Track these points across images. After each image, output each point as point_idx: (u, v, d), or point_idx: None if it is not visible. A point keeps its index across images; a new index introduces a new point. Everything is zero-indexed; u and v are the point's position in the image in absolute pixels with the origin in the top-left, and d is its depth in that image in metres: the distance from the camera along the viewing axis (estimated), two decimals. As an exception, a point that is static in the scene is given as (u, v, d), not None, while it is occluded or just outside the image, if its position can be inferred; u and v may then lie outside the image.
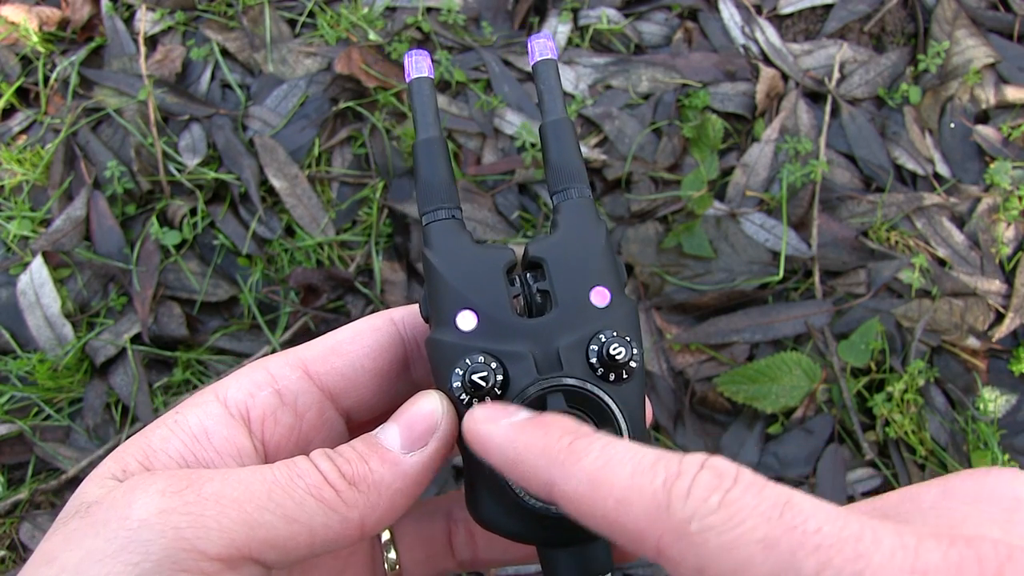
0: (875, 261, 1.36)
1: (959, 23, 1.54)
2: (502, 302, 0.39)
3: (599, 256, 0.40)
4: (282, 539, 0.33)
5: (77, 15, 1.63)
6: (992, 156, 1.45)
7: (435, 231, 0.41)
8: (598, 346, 0.38)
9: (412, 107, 0.43)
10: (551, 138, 0.43)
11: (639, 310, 1.34)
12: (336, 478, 0.35)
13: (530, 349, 0.38)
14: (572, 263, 0.40)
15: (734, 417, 1.28)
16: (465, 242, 0.41)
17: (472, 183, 1.44)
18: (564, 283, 0.40)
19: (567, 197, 0.42)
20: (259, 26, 1.59)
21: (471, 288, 0.39)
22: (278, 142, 1.47)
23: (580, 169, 0.43)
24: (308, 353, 0.41)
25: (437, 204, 0.41)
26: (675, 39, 1.57)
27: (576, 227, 0.41)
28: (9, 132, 1.54)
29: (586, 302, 0.39)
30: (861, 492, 1.23)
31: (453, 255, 0.40)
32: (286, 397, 0.39)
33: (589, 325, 0.39)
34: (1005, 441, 1.25)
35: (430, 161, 0.42)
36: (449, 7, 1.57)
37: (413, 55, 0.44)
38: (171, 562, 0.31)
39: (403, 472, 0.37)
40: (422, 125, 0.43)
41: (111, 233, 1.42)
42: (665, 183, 1.43)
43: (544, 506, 0.38)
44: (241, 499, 0.33)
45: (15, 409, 1.33)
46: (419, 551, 0.47)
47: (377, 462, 0.37)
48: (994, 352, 1.32)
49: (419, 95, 0.43)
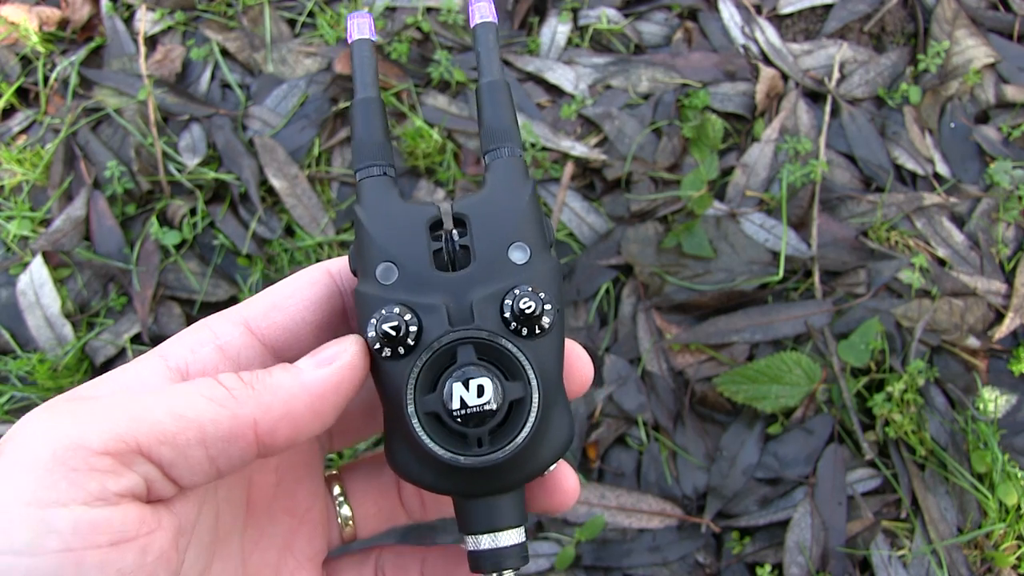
0: (875, 261, 1.35)
1: (959, 23, 1.54)
2: (422, 256, 0.40)
3: (522, 213, 0.41)
4: (170, 433, 0.34)
5: (77, 15, 1.63)
6: (992, 156, 1.45)
7: (366, 187, 0.42)
8: (512, 300, 0.39)
9: (352, 68, 0.45)
10: (486, 99, 0.44)
11: (639, 310, 1.34)
12: (232, 381, 0.36)
13: (445, 301, 0.39)
14: (495, 220, 0.41)
15: (734, 417, 1.28)
16: (393, 198, 0.42)
17: (472, 183, 1.44)
18: (484, 239, 0.40)
19: (498, 156, 0.43)
20: (259, 26, 1.59)
21: (393, 242, 0.40)
22: (278, 142, 1.47)
23: (513, 129, 0.43)
24: (249, 310, 0.41)
25: (370, 161, 0.43)
26: (675, 39, 1.57)
27: (502, 185, 0.42)
28: (9, 132, 1.54)
29: (504, 258, 0.40)
30: (861, 492, 1.23)
31: (380, 210, 0.41)
32: (228, 352, 0.40)
33: (505, 280, 0.40)
34: (1005, 441, 1.25)
35: (366, 120, 0.44)
36: (449, 7, 1.57)
37: (355, 17, 0.45)
38: (59, 463, 0.31)
39: (302, 381, 0.37)
40: (360, 85, 0.44)
41: (111, 233, 1.42)
42: (665, 183, 1.43)
43: (452, 455, 0.38)
44: (128, 401, 0.34)
45: (15, 409, 1.33)
46: (371, 506, 0.48)
47: (279, 371, 0.38)
48: (994, 352, 1.32)
49: (359, 57, 0.44)
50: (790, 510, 1.21)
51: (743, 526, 1.22)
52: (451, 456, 0.38)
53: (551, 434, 0.41)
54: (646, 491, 1.24)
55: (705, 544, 1.21)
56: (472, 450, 0.38)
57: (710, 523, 1.21)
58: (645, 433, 1.27)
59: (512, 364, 0.39)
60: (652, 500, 1.22)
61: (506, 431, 0.39)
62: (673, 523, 1.22)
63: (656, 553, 1.20)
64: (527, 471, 0.41)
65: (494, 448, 0.38)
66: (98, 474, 0.32)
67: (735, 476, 1.23)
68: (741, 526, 1.22)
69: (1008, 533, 1.18)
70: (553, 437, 0.41)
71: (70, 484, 0.31)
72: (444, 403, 0.38)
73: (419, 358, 0.38)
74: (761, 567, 1.18)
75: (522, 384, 0.39)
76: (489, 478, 0.40)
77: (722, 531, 1.22)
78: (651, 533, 1.21)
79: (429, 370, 0.39)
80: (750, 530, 1.22)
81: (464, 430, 0.38)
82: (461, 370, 0.38)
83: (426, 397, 0.38)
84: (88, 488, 0.31)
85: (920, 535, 1.19)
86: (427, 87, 1.52)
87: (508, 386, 0.38)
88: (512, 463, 0.39)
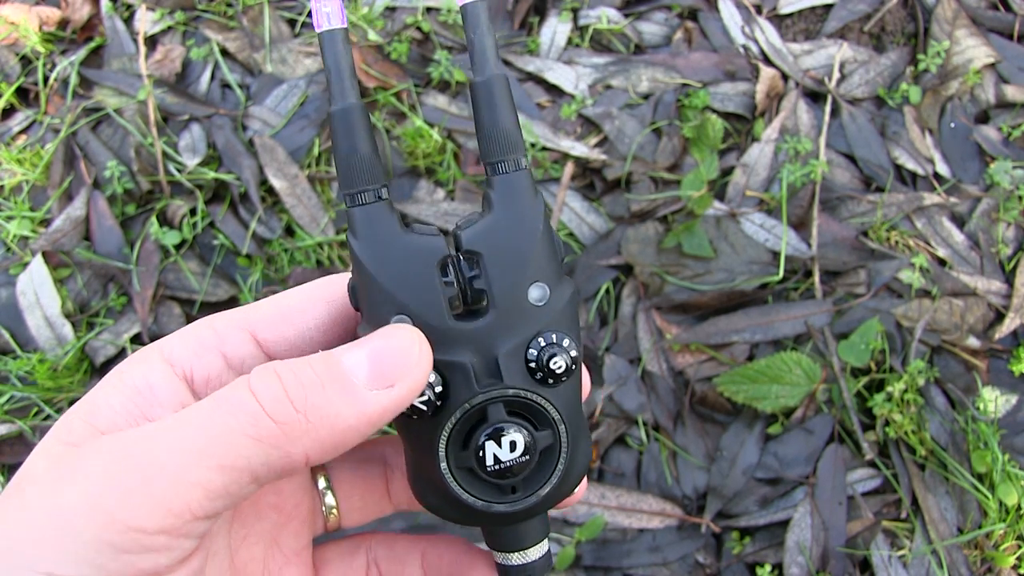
0: (875, 261, 1.35)
1: (959, 23, 1.54)
2: (438, 305, 0.37)
3: (537, 245, 0.38)
4: (221, 489, 0.31)
5: (77, 15, 1.63)
6: (992, 156, 1.45)
7: (360, 218, 0.37)
8: (536, 351, 0.38)
9: (325, 67, 0.37)
10: (483, 100, 0.38)
11: (639, 310, 1.34)
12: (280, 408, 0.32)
13: (469, 359, 0.37)
14: (509, 256, 0.38)
15: (734, 417, 1.28)
16: (394, 230, 0.37)
17: (472, 183, 1.44)
18: (500, 280, 0.37)
19: (502, 171, 0.38)
20: (259, 26, 1.59)
21: (405, 291, 0.37)
22: (278, 142, 1.47)
23: (517, 136, 0.38)
24: (257, 316, 0.39)
25: (360, 185, 0.37)
26: (675, 39, 1.57)
27: (513, 209, 0.38)
28: (9, 132, 1.54)
29: (524, 301, 0.38)
30: (861, 492, 1.22)
31: (382, 248, 0.37)
32: (232, 361, 0.38)
33: (528, 327, 0.38)
34: (1005, 441, 1.25)
35: (349, 134, 0.37)
36: (449, 7, 1.57)
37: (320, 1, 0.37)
38: (110, 547, 0.30)
39: (362, 410, 0.33)
40: (337, 91, 0.37)
41: (111, 233, 1.42)
42: (665, 183, 1.43)
43: (486, 504, 0.39)
44: (170, 462, 0.31)
45: (15, 409, 1.33)
46: (356, 498, 0.47)
47: (336, 392, 0.33)
48: (994, 352, 1.32)
49: (331, 52, 0.37)
50: (790, 510, 1.21)
51: (743, 526, 1.22)
52: (485, 504, 0.39)
53: (576, 464, 0.41)
54: (646, 491, 1.23)
55: (705, 544, 1.21)
56: (506, 497, 0.39)
57: (710, 523, 1.21)
58: (645, 433, 1.27)
59: (541, 414, 0.39)
60: (652, 500, 1.22)
61: (538, 476, 0.40)
62: (673, 523, 1.22)
63: (656, 553, 1.20)
64: (556, 502, 0.42)
65: (527, 494, 0.40)
66: (152, 554, 0.31)
67: (735, 476, 1.23)
68: (741, 526, 1.22)
69: (1008, 533, 1.18)
70: (578, 464, 0.41)
71: (122, 566, 0.30)
72: (478, 460, 0.38)
73: (450, 419, 0.37)
74: (761, 567, 1.18)
75: (551, 431, 0.39)
76: (521, 515, 0.41)
77: (722, 531, 1.22)
78: (651, 533, 1.21)
79: (460, 427, 0.38)
80: (750, 530, 1.22)
81: (498, 482, 0.39)
82: (493, 428, 0.38)
83: (459, 453, 0.38)
84: (142, 567, 0.30)
85: (920, 535, 1.19)
86: (427, 87, 1.52)
87: (539, 436, 0.39)
88: (544, 502, 0.40)
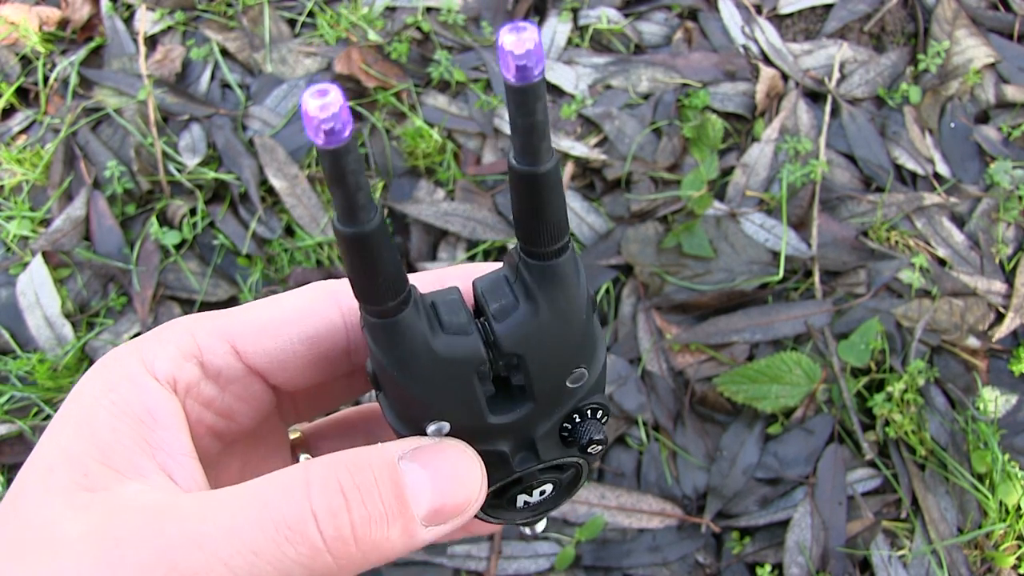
0: (875, 261, 1.35)
1: (959, 23, 1.54)
2: (477, 410, 0.34)
3: (583, 335, 0.34)
4: None
5: (77, 15, 1.63)
6: (992, 156, 1.45)
7: (384, 330, 0.32)
8: (572, 425, 0.37)
9: (328, 182, 0.27)
10: (534, 192, 0.30)
11: (639, 310, 1.34)
12: (341, 547, 0.29)
13: (506, 446, 0.36)
14: (552, 355, 0.34)
15: (734, 417, 1.28)
16: (423, 338, 0.32)
17: (472, 183, 1.44)
18: (542, 378, 0.34)
19: (549, 258, 0.32)
20: (259, 26, 1.59)
21: (441, 401, 0.33)
22: (278, 142, 1.47)
23: (565, 224, 0.32)
24: (239, 326, 0.36)
25: (384, 303, 0.31)
26: (675, 39, 1.57)
27: (556, 303, 0.33)
28: (9, 132, 1.54)
29: (563, 387, 0.35)
30: (861, 492, 1.22)
31: (412, 361, 0.32)
32: (209, 371, 0.36)
33: (565, 406, 0.36)
34: (1005, 441, 1.25)
35: (368, 260, 0.30)
36: (449, 7, 1.57)
37: (315, 100, 0.25)
38: None
39: (412, 544, 0.32)
40: (346, 213, 0.28)
41: (111, 233, 1.42)
42: (665, 183, 1.43)
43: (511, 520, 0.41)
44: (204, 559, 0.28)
45: (15, 409, 1.33)
46: None
47: (398, 531, 0.31)
48: (994, 352, 1.32)
49: (335, 170, 0.27)
50: (790, 510, 1.21)
51: (743, 526, 1.22)
52: (510, 520, 0.41)
53: None
54: (646, 491, 1.23)
55: (705, 544, 1.21)
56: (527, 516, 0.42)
57: (710, 523, 1.21)
58: (645, 433, 1.27)
59: (573, 469, 0.41)
60: (652, 500, 1.22)
61: (560, 495, 0.42)
62: (673, 523, 1.22)
63: (656, 553, 1.20)
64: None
65: (550, 508, 0.42)
66: None
67: (735, 476, 1.23)
68: (741, 526, 1.22)
69: (1008, 533, 1.18)
70: None
71: None
72: (508, 506, 0.40)
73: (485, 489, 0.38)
74: (761, 567, 1.18)
75: (575, 470, 0.41)
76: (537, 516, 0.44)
77: (722, 531, 1.22)
78: (651, 533, 1.21)
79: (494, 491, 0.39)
80: (750, 530, 1.22)
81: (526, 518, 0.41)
82: (526, 487, 0.39)
83: (491, 502, 0.39)
84: None
85: (920, 535, 1.19)
86: (427, 87, 1.52)
87: (565, 477, 0.40)
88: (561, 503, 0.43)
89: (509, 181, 0.30)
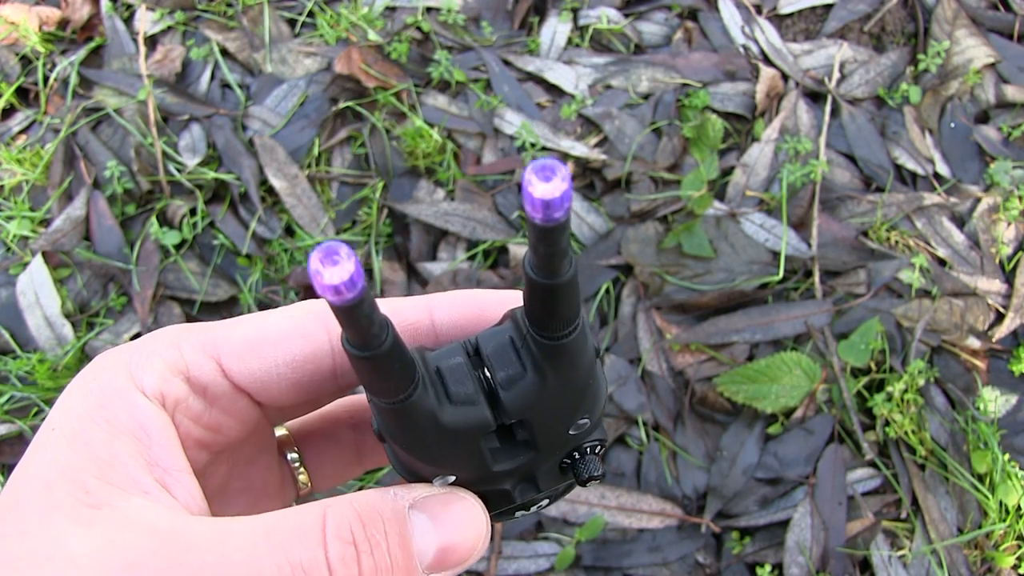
0: (875, 261, 1.35)
1: (959, 23, 1.54)
2: (482, 465, 0.35)
3: (586, 392, 0.35)
4: None
5: (77, 15, 1.63)
6: (992, 156, 1.45)
7: (394, 416, 0.32)
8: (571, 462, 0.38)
9: (341, 325, 0.29)
10: (550, 297, 0.31)
11: (639, 310, 1.34)
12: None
13: (508, 485, 0.37)
14: (556, 416, 0.34)
15: (734, 417, 1.28)
16: (432, 415, 0.32)
17: (472, 183, 1.44)
18: (546, 434, 0.35)
19: (559, 340, 0.32)
20: (259, 26, 1.59)
21: (449, 462, 0.34)
22: (278, 142, 1.47)
23: (579, 306, 0.32)
24: (224, 343, 0.36)
25: (394, 396, 0.31)
26: (675, 39, 1.57)
27: (563, 374, 0.33)
28: (9, 132, 1.54)
29: (565, 435, 0.36)
30: (861, 492, 1.22)
31: (422, 436, 0.33)
32: (195, 387, 0.36)
33: (566, 448, 0.37)
34: (1005, 441, 1.25)
35: (384, 377, 0.31)
36: (449, 7, 1.57)
37: (323, 263, 0.25)
38: None
39: None
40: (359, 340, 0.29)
41: (111, 233, 1.42)
42: (665, 183, 1.43)
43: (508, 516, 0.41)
44: None
45: (15, 409, 1.33)
46: (328, 468, 0.46)
47: None
48: (994, 352, 1.32)
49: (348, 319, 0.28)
50: (790, 510, 1.21)
51: (743, 526, 1.22)
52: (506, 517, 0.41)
53: None
54: (646, 491, 1.23)
55: (705, 544, 1.21)
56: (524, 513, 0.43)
57: (710, 523, 1.21)
58: (645, 433, 1.27)
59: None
60: (652, 500, 1.22)
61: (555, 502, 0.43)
62: (673, 523, 1.22)
63: (656, 553, 1.20)
64: None
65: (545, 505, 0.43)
66: None
67: (735, 476, 1.23)
68: (741, 526, 1.22)
69: (1008, 533, 1.18)
70: None
71: None
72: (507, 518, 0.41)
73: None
74: (761, 567, 1.18)
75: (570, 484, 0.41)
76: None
77: (722, 531, 1.22)
78: (651, 533, 1.21)
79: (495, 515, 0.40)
80: (750, 530, 1.22)
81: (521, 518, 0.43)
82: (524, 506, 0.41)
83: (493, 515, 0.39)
84: None
85: (920, 535, 1.19)
86: (427, 87, 1.52)
87: (562, 487, 0.41)
88: None
89: (524, 283, 0.30)
